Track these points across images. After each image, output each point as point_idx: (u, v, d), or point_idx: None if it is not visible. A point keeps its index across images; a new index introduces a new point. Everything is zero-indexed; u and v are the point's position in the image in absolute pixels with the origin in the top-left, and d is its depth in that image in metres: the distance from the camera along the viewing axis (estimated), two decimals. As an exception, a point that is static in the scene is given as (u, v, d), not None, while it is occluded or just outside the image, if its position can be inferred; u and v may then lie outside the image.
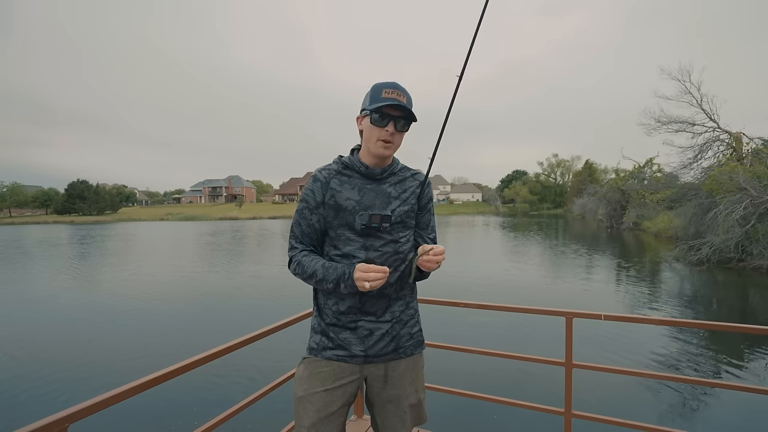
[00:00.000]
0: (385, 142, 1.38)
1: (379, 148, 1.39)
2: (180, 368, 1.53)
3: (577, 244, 22.83)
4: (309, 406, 1.37)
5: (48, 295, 10.98)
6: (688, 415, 4.58)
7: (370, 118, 1.38)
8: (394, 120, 1.37)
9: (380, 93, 1.36)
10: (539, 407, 2.38)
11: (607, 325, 6.95)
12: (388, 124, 1.37)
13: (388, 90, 1.36)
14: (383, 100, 1.35)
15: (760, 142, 18.91)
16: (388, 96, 1.36)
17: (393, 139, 1.39)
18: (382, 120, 1.37)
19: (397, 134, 1.39)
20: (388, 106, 1.35)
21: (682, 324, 2.27)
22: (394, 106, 1.36)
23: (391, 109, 1.36)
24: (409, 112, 1.38)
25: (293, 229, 1.46)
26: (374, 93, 1.38)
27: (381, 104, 1.34)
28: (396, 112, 1.37)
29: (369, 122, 1.39)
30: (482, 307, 2.57)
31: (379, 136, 1.38)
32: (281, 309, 8.97)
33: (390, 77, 16.55)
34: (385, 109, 1.36)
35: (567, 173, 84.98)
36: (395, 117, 1.37)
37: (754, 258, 13.66)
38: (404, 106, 1.36)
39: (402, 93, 1.38)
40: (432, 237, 1.56)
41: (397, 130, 1.38)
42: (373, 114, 1.37)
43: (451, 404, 4.49)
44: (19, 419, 4.53)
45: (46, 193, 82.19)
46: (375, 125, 1.38)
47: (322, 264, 1.37)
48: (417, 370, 1.51)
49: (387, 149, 1.39)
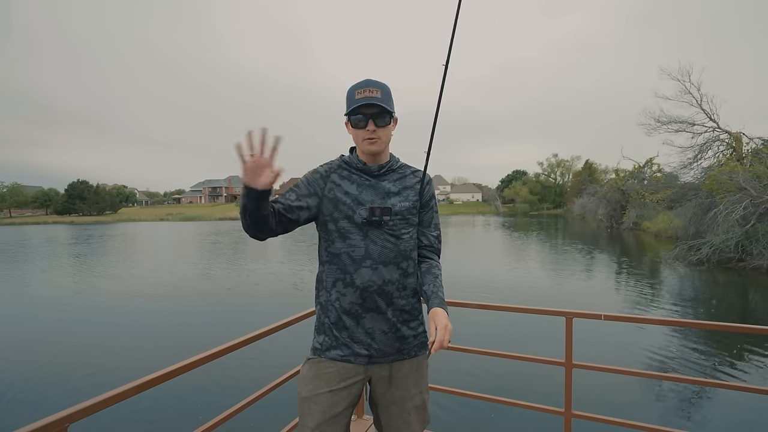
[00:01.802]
0: (369, 140, 1.40)
1: (366, 146, 1.41)
2: (180, 368, 1.53)
3: (577, 244, 22.83)
4: (314, 407, 1.36)
5: (53, 295, 10.98)
6: (688, 415, 4.58)
7: (350, 122, 1.41)
8: (372, 117, 1.38)
9: (354, 95, 1.38)
10: (539, 407, 2.38)
11: (607, 325, 6.94)
12: (368, 124, 1.38)
13: (360, 90, 1.37)
14: (356, 102, 1.36)
15: (760, 142, 18.89)
16: (361, 96, 1.36)
17: (376, 135, 1.39)
18: (360, 121, 1.39)
19: (380, 129, 1.39)
20: (362, 106, 1.36)
21: (682, 324, 2.27)
22: (369, 105, 1.36)
23: (365, 108, 1.37)
24: (382, 106, 1.36)
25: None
26: (349, 96, 1.39)
27: (354, 106, 1.36)
28: (371, 110, 1.37)
29: (351, 126, 1.42)
30: (482, 307, 2.57)
31: (363, 137, 1.40)
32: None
33: (390, 77, 16.29)
34: (360, 110, 1.37)
35: (567, 173, 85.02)
36: (372, 114, 1.38)
37: (754, 258, 13.65)
38: (375, 103, 1.35)
39: (375, 88, 1.37)
40: (436, 235, 1.56)
41: (377, 126, 1.39)
42: (351, 117, 1.40)
43: (451, 404, 4.49)
44: (19, 419, 4.52)
45: (46, 193, 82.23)
46: (355, 128, 1.40)
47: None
48: (421, 371, 1.50)
49: (373, 145, 1.40)
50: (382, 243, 1.40)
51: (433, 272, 1.47)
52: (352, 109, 1.36)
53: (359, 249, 1.39)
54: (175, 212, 72.96)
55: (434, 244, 1.54)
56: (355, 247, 1.39)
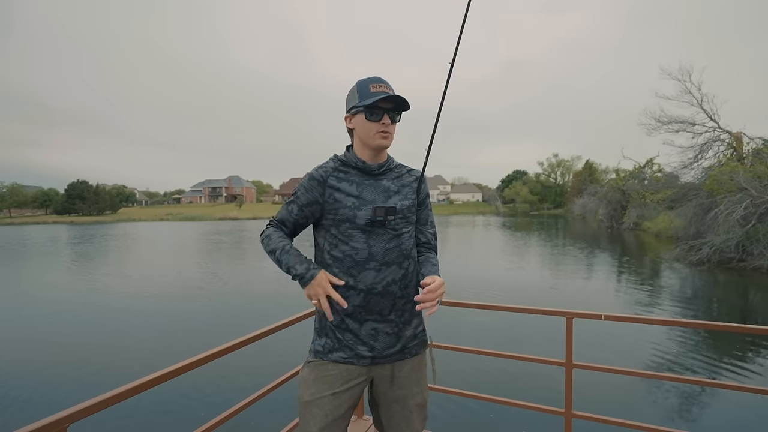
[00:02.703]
0: (383, 134, 1.40)
1: (379, 140, 1.40)
2: (180, 368, 1.53)
3: (578, 244, 22.82)
4: (317, 411, 1.35)
5: (53, 295, 10.98)
6: (688, 415, 4.58)
7: (364, 114, 1.39)
8: (388, 112, 1.39)
9: (368, 88, 1.38)
10: (539, 407, 2.38)
11: (607, 325, 6.94)
12: (383, 117, 1.39)
13: (376, 84, 1.39)
14: (374, 95, 1.37)
15: (761, 141, 18.88)
16: (377, 90, 1.38)
17: (390, 131, 1.41)
18: (376, 115, 1.39)
19: (392, 126, 1.42)
20: (381, 99, 1.37)
21: (682, 324, 2.26)
22: (386, 99, 1.37)
23: (383, 102, 1.38)
24: (401, 101, 1.40)
25: (279, 212, 1.50)
26: (362, 89, 1.39)
27: (374, 99, 1.36)
28: (388, 105, 1.39)
29: (363, 119, 1.40)
30: (482, 307, 2.57)
31: (377, 129, 1.40)
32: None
33: (390, 76, 16.48)
34: (378, 104, 1.38)
35: (567, 173, 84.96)
36: (388, 109, 1.39)
37: (755, 258, 13.65)
38: (397, 96, 1.38)
39: (387, 85, 1.41)
40: (432, 232, 1.58)
41: (393, 121, 1.41)
42: (366, 110, 1.39)
43: (451, 404, 4.49)
44: (19, 419, 4.53)
45: (45, 193, 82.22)
46: (370, 121, 1.39)
47: (284, 246, 1.41)
48: (421, 369, 1.51)
49: (386, 139, 1.41)
50: (385, 243, 1.40)
51: (431, 261, 1.52)
52: (371, 102, 1.36)
53: (362, 251, 1.38)
54: (175, 212, 72.93)
55: (431, 241, 1.57)
56: (358, 249, 1.38)
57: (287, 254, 1.39)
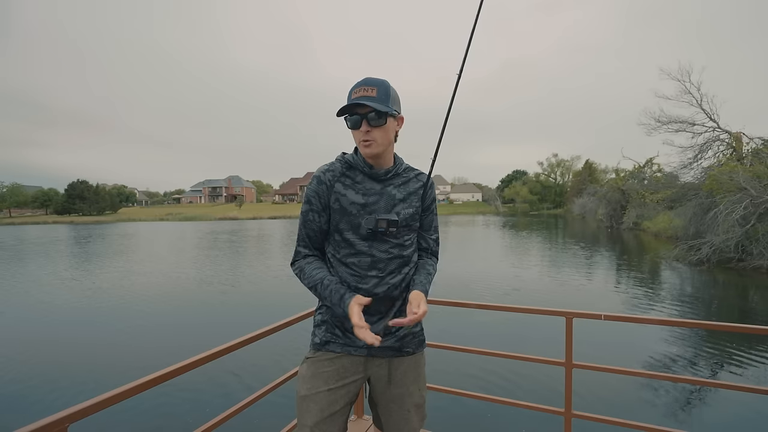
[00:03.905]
0: (364, 142, 1.36)
1: (363, 149, 1.38)
2: (180, 368, 1.52)
3: (578, 244, 22.83)
4: (312, 405, 1.37)
5: (53, 294, 10.98)
6: (688, 415, 4.57)
7: (347, 123, 1.38)
8: (365, 117, 1.33)
9: (350, 96, 1.34)
10: (539, 407, 2.38)
11: (607, 325, 6.94)
12: (361, 124, 1.34)
13: (357, 89, 1.33)
14: (349, 102, 1.34)
15: (760, 141, 18.88)
16: (356, 96, 1.32)
17: (371, 137, 1.34)
18: (354, 122, 1.35)
19: (374, 130, 1.34)
20: (353, 105, 1.32)
21: (682, 324, 2.27)
22: (361, 104, 1.31)
23: (358, 108, 1.33)
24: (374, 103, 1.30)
25: (300, 232, 1.46)
26: (349, 95, 1.36)
27: (347, 106, 1.33)
28: (365, 109, 1.32)
29: (348, 127, 1.39)
30: (482, 307, 2.57)
31: (360, 138, 1.37)
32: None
33: (390, 76, 16.42)
34: (354, 110, 1.34)
35: (567, 173, 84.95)
36: (365, 114, 1.33)
37: (754, 258, 13.65)
38: (364, 103, 1.29)
39: (371, 87, 1.33)
40: (435, 238, 1.57)
41: (371, 126, 1.33)
42: (346, 120, 1.37)
43: (450, 404, 4.48)
44: (19, 419, 4.53)
45: (46, 193, 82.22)
46: (352, 129, 1.38)
47: (322, 279, 1.38)
48: (419, 368, 1.51)
49: (368, 147, 1.36)
50: (387, 251, 1.40)
51: (426, 269, 1.50)
52: (346, 109, 1.33)
53: (365, 259, 1.39)
54: (175, 212, 72.94)
55: (432, 248, 1.57)
56: (361, 257, 1.39)
57: (326, 290, 1.37)
